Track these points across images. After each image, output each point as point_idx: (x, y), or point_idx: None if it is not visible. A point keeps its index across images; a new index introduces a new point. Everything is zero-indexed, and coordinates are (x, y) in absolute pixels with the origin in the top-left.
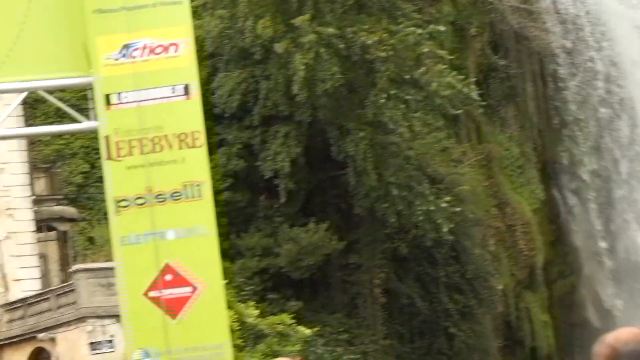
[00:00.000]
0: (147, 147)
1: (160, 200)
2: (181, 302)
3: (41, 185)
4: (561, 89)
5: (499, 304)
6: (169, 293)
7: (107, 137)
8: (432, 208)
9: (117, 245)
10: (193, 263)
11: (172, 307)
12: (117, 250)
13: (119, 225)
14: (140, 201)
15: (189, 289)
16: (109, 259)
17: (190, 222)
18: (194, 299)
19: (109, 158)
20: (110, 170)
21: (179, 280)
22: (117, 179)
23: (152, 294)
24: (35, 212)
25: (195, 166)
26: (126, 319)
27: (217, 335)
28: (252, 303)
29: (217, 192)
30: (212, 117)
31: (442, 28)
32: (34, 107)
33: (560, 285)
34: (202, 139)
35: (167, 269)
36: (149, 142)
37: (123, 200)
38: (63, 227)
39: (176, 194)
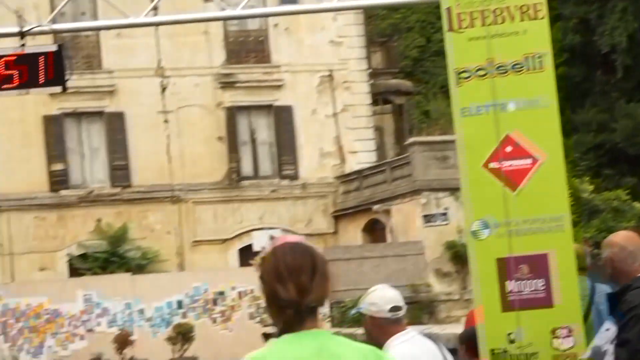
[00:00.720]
0: (488, 19)
1: (501, 71)
2: (521, 173)
3: (377, 58)
4: None
5: None
6: (509, 164)
7: (448, 9)
8: None
9: (457, 117)
10: (533, 134)
11: (512, 179)
12: (457, 121)
13: (460, 96)
14: (481, 72)
15: (529, 161)
16: (444, 132)
17: (531, 93)
18: (533, 170)
19: (451, 30)
20: (452, 42)
21: (519, 152)
22: (458, 51)
23: (492, 165)
24: (371, 85)
25: (536, 38)
26: (465, 190)
27: (556, 207)
28: (587, 178)
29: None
30: None
31: None
32: None
33: None
34: (544, 10)
35: (507, 140)
36: (491, 13)
37: (464, 71)
38: (399, 100)
39: (517, 65)
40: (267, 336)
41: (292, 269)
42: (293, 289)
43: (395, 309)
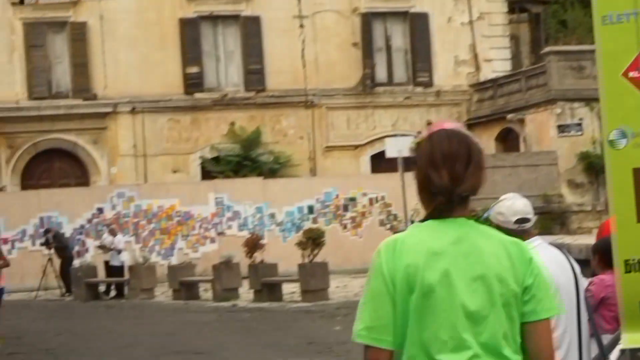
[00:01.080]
0: None
1: None
2: None
3: None
4: None
5: None
6: None
7: None
8: None
9: (597, 25)
10: None
11: None
12: (596, 30)
13: (600, 4)
14: None
15: None
16: (580, 41)
17: None
18: None
19: None
20: None
21: None
22: None
23: (631, 74)
24: None
25: None
26: (603, 99)
27: None
28: None
29: None
30: None
31: None
32: None
33: None
34: None
35: None
36: None
37: None
38: (535, 9)
39: None
40: None
41: (447, 156)
42: (446, 176)
43: (521, 220)
